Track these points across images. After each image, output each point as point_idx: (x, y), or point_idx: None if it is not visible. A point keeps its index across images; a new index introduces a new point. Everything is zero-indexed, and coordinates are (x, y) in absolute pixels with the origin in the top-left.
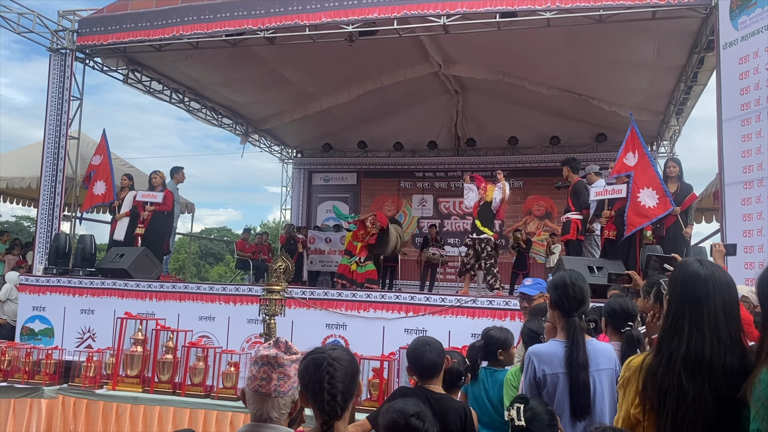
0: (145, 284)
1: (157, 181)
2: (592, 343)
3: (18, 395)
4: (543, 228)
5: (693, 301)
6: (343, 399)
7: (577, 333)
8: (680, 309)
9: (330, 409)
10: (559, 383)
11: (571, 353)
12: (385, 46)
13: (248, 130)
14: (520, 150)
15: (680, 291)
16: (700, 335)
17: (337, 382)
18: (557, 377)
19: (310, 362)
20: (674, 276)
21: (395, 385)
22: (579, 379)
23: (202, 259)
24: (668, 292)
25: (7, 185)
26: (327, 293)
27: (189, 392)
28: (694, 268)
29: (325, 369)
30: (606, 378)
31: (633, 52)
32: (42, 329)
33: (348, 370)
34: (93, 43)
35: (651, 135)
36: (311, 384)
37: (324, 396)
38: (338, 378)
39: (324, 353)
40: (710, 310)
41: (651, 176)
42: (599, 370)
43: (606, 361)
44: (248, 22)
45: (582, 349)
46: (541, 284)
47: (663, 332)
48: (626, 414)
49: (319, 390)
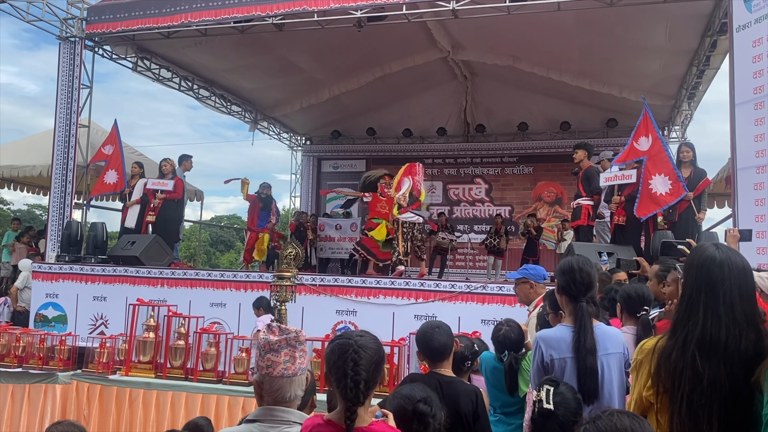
0: (157, 271)
1: (167, 168)
2: (599, 328)
3: (33, 381)
4: (553, 214)
5: (708, 284)
6: (366, 386)
7: (584, 318)
8: (695, 292)
9: (353, 395)
10: (567, 368)
11: (579, 338)
12: (393, 31)
13: (257, 118)
14: (530, 136)
15: (696, 274)
16: (716, 318)
17: (361, 369)
18: (565, 362)
19: (336, 346)
20: (690, 260)
21: (405, 371)
22: (586, 364)
23: (212, 247)
24: (683, 276)
25: (19, 173)
26: (337, 280)
27: (201, 378)
28: (709, 251)
29: (350, 355)
30: (614, 362)
31: (644, 35)
32: (55, 316)
33: (373, 358)
34: (102, 31)
35: (662, 120)
36: (335, 368)
37: (347, 382)
38: (362, 365)
39: (351, 339)
40: (726, 294)
41: (664, 161)
42: (607, 355)
43: (614, 345)
44: (256, 8)
45: (589, 334)
46: (526, 269)
47: (678, 315)
48: (638, 397)
49: (343, 375)
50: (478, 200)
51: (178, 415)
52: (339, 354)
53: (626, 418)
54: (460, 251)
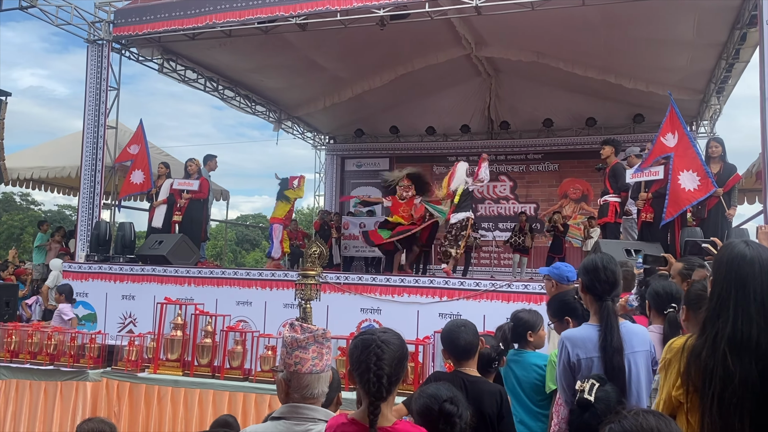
0: (184, 270)
1: (192, 168)
2: (625, 326)
3: (64, 378)
4: (579, 211)
5: (738, 281)
6: (389, 382)
7: (610, 317)
8: (725, 289)
9: (376, 391)
10: (594, 367)
11: (605, 337)
12: (416, 29)
13: (281, 117)
14: (555, 132)
15: (725, 271)
16: (747, 316)
17: (384, 365)
18: (591, 361)
19: (359, 342)
20: (719, 257)
21: (430, 369)
22: (614, 363)
23: (238, 246)
24: (712, 273)
25: (49, 175)
26: (361, 278)
27: (228, 375)
28: (739, 248)
29: (373, 351)
30: (641, 360)
31: (671, 29)
32: (85, 314)
33: (396, 354)
34: (128, 34)
35: (690, 115)
36: (358, 363)
37: (370, 377)
38: (385, 361)
39: (374, 335)
40: (757, 291)
41: (692, 157)
42: (634, 353)
43: (640, 343)
44: (280, 9)
45: (616, 333)
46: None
47: (707, 313)
48: (667, 396)
49: (366, 370)
50: (503, 198)
51: (206, 413)
52: (362, 349)
53: (652, 418)
54: (485, 249)
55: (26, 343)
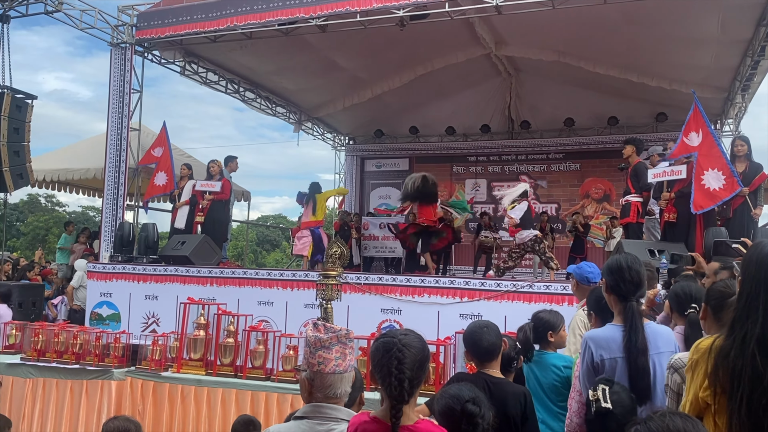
0: (206, 270)
1: (214, 169)
2: (650, 326)
3: (90, 377)
4: (601, 211)
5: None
6: (410, 385)
7: (635, 317)
8: (754, 289)
9: (398, 394)
10: (618, 368)
11: (630, 338)
12: (436, 29)
13: (301, 118)
14: (576, 131)
15: (754, 271)
16: None
17: (405, 368)
18: (615, 362)
19: (380, 345)
20: (748, 256)
21: (451, 370)
22: (638, 364)
23: (259, 246)
24: (741, 273)
25: (74, 176)
26: (381, 278)
27: (250, 375)
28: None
29: (395, 354)
30: (666, 362)
31: (695, 26)
32: (109, 314)
33: (417, 357)
34: (151, 37)
35: (714, 113)
36: (380, 367)
37: (392, 380)
38: (407, 364)
39: (395, 338)
40: None
41: (716, 156)
42: (659, 354)
43: (665, 344)
44: (300, 10)
45: (640, 334)
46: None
47: (736, 313)
48: (694, 398)
49: (387, 374)
50: None
51: (229, 412)
52: (383, 352)
53: (679, 419)
54: (506, 250)
55: (53, 342)
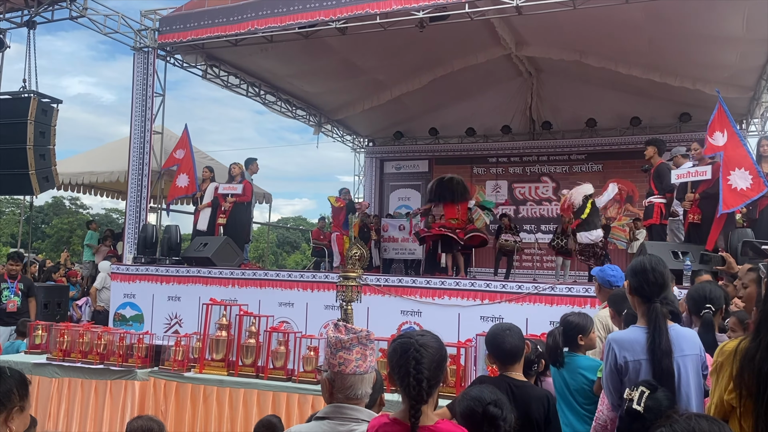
0: (228, 272)
1: (236, 171)
2: (674, 329)
3: (114, 377)
4: (624, 213)
5: None
6: (429, 385)
7: (659, 319)
8: None
9: (416, 394)
10: (642, 370)
11: (654, 340)
12: (455, 30)
13: (321, 121)
14: (598, 132)
15: None
16: None
17: (423, 368)
18: (639, 364)
19: (398, 346)
20: None
21: (472, 373)
22: (662, 366)
23: (279, 248)
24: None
25: (98, 179)
26: (401, 280)
27: (271, 375)
28: None
29: (412, 354)
30: (691, 364)
31: (719, 25)
32: (133, 315)
33: (435, 357)
34: (173, 41)
35: (740, 113)
36: (398, 367)
37: (410, 381)
38: (424, 364)
39: (412, 338)
40: None
41: (742, 156)
42: (683, 356)
43: (690, 346)
44: (320, 13)
45: (665, 336)
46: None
47: (761, 315)
48: (719, 400)
49: (405, 374)
50: (545, 199)
51: (251, 412)
52: (401, 353)
53: (704, 422)
54: (527, 251)
55: (77, 342)
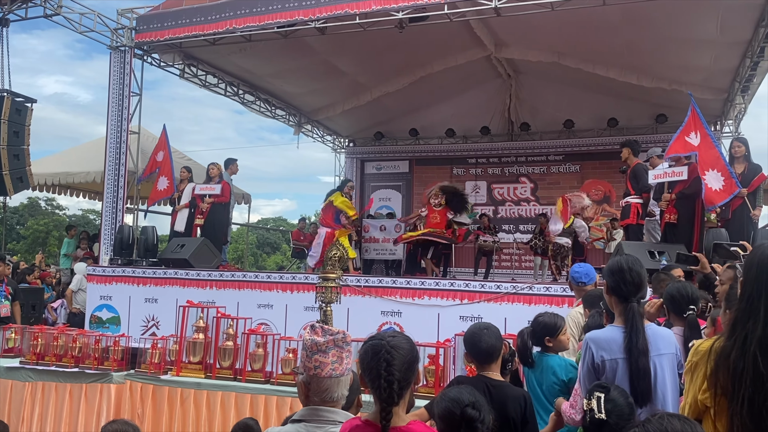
0: (206, 273)
1: (214, 172)
2: (651, 328)
3: (89, 380)
4: (601, 213)
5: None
6: (400, 387)
7: (635, 318)
8: (756, 291)
9: (387, 396)
10: (619, 369)
11: (630, 339)
12: (435, 32)
13: (301, 121)
14: (576, 133)
15: (756, 272)
16: None
17: (394, 370)
18: (616, 363)
19: (369, 348)
20: (750, 258)
21: (451, 373)
22: (639, 365)
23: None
24: (743, 274)
25: (74, 180)
26: (381, 281)
27: (249, 378)
28: None
29: (383, 356)
30: (667, 363)
31: (694, 28)
32: (109, 317)
33: (406, 358)
34: (150, 40)
35: (714, 114)
36: (369, 369)
37: (381, 382)
38: (395, 366)
39: (383, 340)
40: None
41: (715, 157)
42: (660, 355)
43: (666, 345)
44: (299, 13)
45: (641, 335)
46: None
47: (737, 314)
48: (693, 400)
49: (376, 376)
50: (524, 200)
51: (228, 415)
52: (372, 355)
53: (677, 422)
54: (505, 251)
55: (52, 345)
